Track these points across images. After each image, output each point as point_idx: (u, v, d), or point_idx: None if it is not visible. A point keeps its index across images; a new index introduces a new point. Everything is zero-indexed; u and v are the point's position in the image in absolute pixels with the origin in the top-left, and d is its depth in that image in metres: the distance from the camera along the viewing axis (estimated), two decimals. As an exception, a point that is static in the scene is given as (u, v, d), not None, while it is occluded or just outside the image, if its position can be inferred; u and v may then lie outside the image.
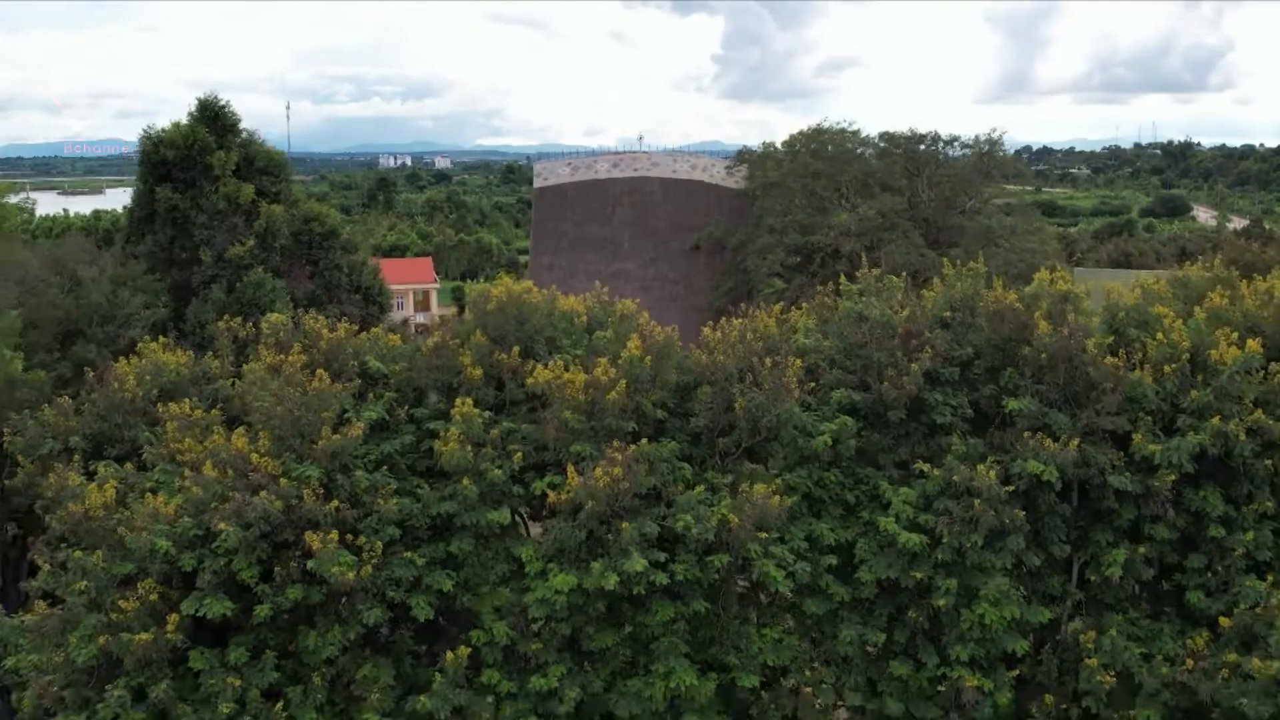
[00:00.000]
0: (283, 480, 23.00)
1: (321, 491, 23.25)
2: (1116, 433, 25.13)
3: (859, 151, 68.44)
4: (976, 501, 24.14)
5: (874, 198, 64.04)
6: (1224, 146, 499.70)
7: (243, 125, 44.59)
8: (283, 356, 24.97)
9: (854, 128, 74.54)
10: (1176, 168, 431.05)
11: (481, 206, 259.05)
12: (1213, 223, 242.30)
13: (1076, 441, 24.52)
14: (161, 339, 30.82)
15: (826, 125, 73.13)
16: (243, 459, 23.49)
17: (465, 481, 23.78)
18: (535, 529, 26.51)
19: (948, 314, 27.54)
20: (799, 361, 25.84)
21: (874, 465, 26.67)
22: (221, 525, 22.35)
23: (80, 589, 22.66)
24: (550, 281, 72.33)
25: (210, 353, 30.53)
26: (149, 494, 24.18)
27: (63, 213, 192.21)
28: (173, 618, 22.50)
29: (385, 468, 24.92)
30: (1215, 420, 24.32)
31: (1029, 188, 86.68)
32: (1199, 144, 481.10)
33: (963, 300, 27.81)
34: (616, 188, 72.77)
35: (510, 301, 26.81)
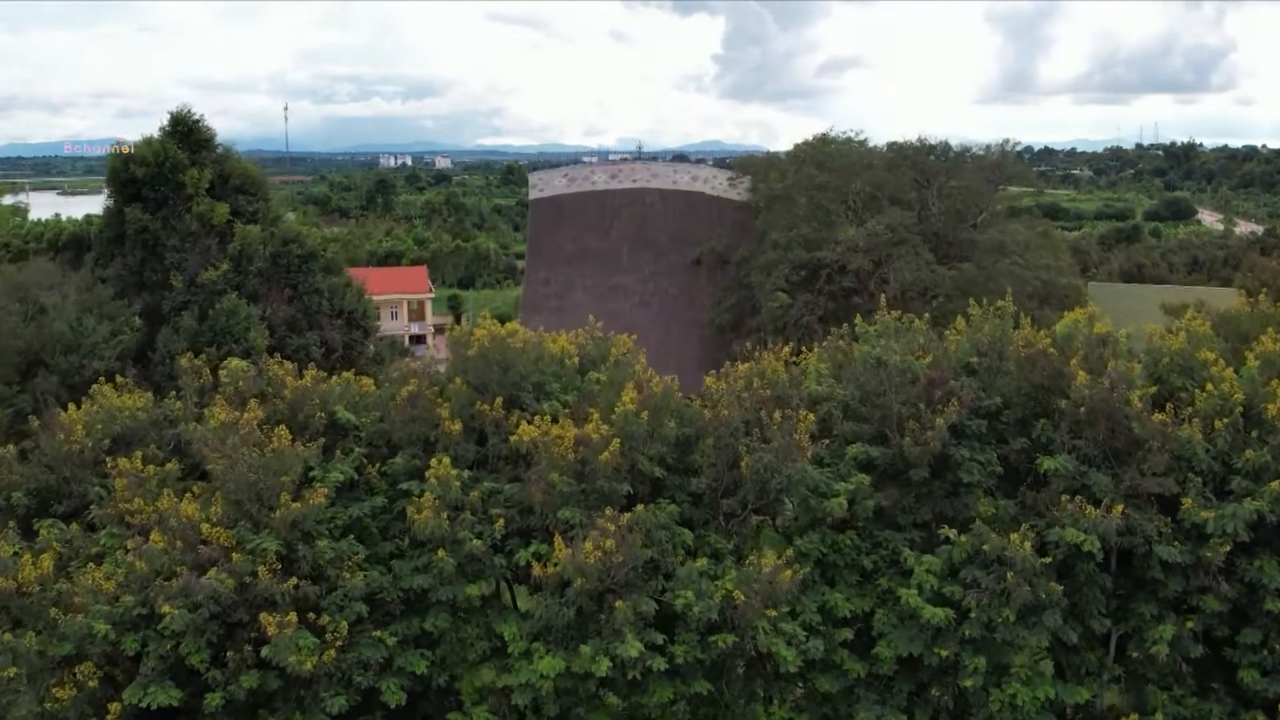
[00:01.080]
0: (236, 555, 20.59)
1: (279, 566, 20.85)
2: (1163, 495, 22.70)
3: (866, 163, 65.88)
4: (1009, 574, 21.73)
5: (882, 211, 61.55)
6: (1226, 147, 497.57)
7: (219, 141, 42.29)
8: (238, 413, 22.47)
9: (860, 136, 72.29)
10: (1179, 169, 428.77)
11: (480, 209, 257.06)
12: (1219, 227, 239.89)
13: (1120, 508, 22.07)
14: (119, 379, 28.40)
15: (832, 134, 70.82)
16: (193, 528, 21.08)
17: (440, 553, 21.37)
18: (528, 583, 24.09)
19: (974, 359, 25.08)
20: (810, 415, 23.36)
21: (893, 526, 24.23)
22: (166, 608, 19.95)
23: (11, 675, 20.26)
24: (546, 296, 70.55)
25: (174, 392, 28.24)
26: (92, 563, 21.86)
27: (55, 216, 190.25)
28: (114, 707, 20.16)
29: (353, 535, 22.51)
30: (1274, 485, 21.91)
31: (1030, 189, 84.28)
32: (1201, 145, 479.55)
33: (990, 344, 25.36)
34: (614, 199, 70.29)
35: (494, 346, 24.35)
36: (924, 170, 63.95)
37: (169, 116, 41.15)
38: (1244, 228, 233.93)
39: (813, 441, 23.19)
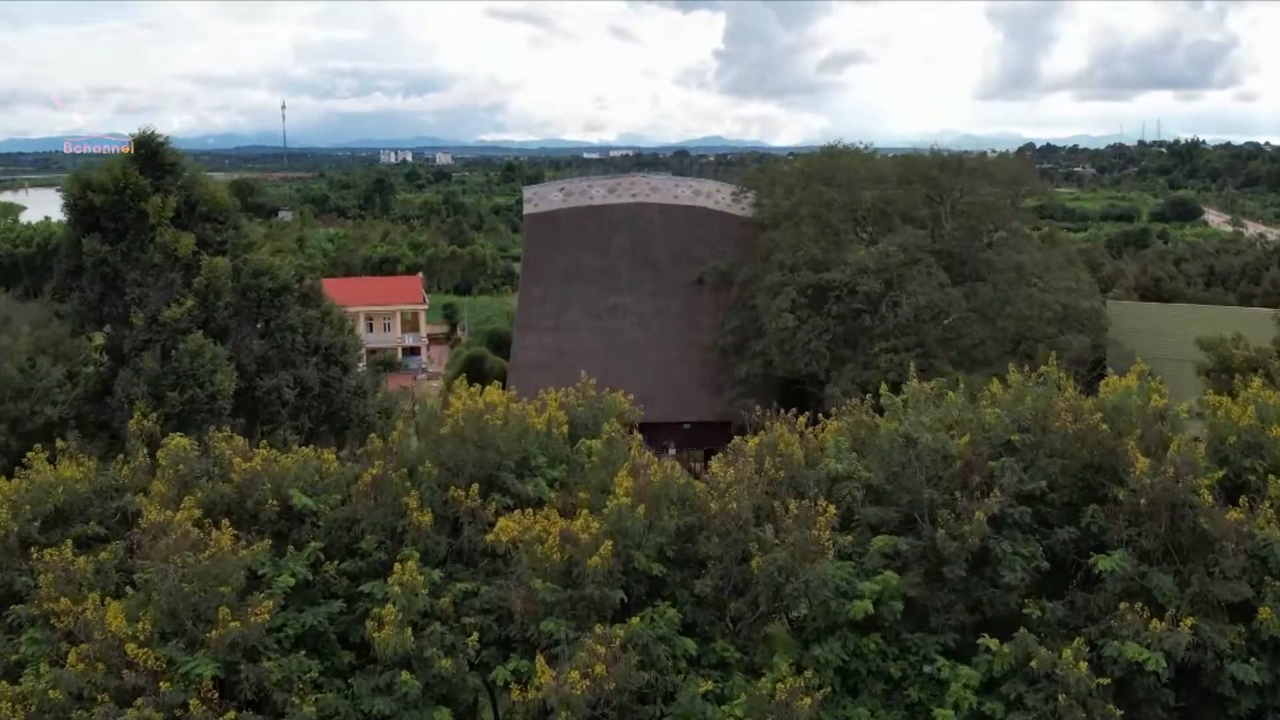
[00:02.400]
0: (164, 684, 17.69)
1: (216, 694, 17.95)
2: (1236, 602, 19.80)
3: (877, 175, 62.90)
4: (1061, 696, 18.83)
5: (893, 229, 58.63)
6: (1230, 145, 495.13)
7: (184, 166, 39.20)
8: (170, 513, 19.54)
9: (869, 148, 69.47)
10: (1184, 168, 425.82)
11: (479, 209, 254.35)
12: (1227, 228, 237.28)
13: (1190, 621, 19.15)
14: (60, 443, 25.57)
15: (839, 144, 67.96)
16: (118, 647, 18.17)
17: (405, 676, 18.47)
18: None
19: (1015, 437, 22.14)
20: (831, 509, 20.42)
21: (924, 629, 21.32)
22: (79, 751, 17.09)
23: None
24: (542, 315, 67.57)
25: (122, 455, 25.49)
26: (6, 679, 19.00)
27: (45, 219, 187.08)
28: None
29: (306, 648, 19.59)
30: (1367, 594, 19.02)
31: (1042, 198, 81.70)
32: (1204, 142, 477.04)
33: (1034, 416, 22.42)
34: (612, 214, 67.22)
35: (470, 422, 21.45)
36: (937, 185, 61.02)
37: (130, 140, 38.18)
38: (1252, 229, 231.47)
39: (833, 535, 20.28)
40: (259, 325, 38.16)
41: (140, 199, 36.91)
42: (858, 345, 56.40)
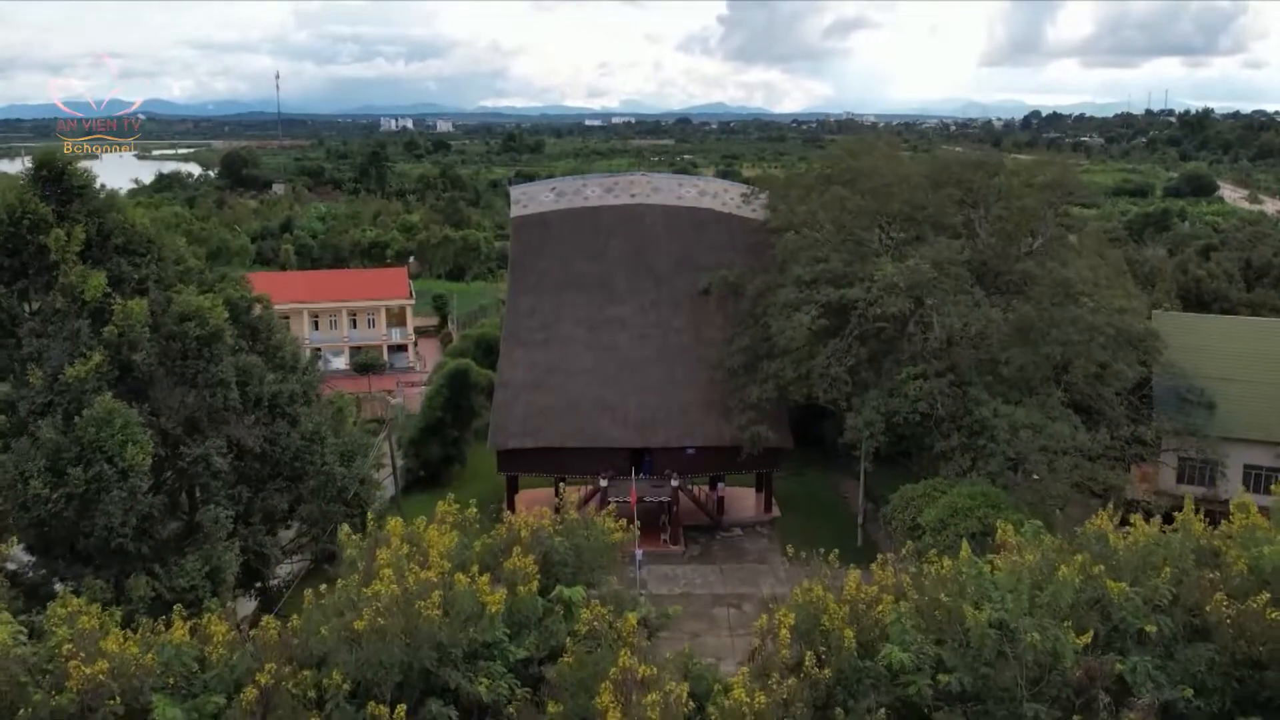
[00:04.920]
0: None
1: None
2: None
3: (903, 175, 56.58)
4: None
5: (923, 239, 52.44)
6: (1238, 113, 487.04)
7: (99, 185, 33.19)
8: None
9: (875, 120, 62.98)
10: (1194, 139, 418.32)
11: (477, 184, 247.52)
12: (1244, 204, 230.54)
13: None
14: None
15: (860, 140, 61.54)
16: None
17: None
18: None
19: (1150, 627, 16.21)
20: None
21: None
22: None
23: None
24: (531, 328, 61.23)
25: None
26: None
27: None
28: None
29: None
30: None
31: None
32: (1213, 112, 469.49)
33: (1173, 594, 16.49)
34: (610, 217, 60.89)
35: (399, 611, 15.50)
36: (971, 189, 54.74)
37: (31, 161, 32.13)
38: (1271, 206, 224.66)
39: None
40: (187, 379, 32.24)
41: (40, 231, 31.03)
42: (882, 369, 50.37)
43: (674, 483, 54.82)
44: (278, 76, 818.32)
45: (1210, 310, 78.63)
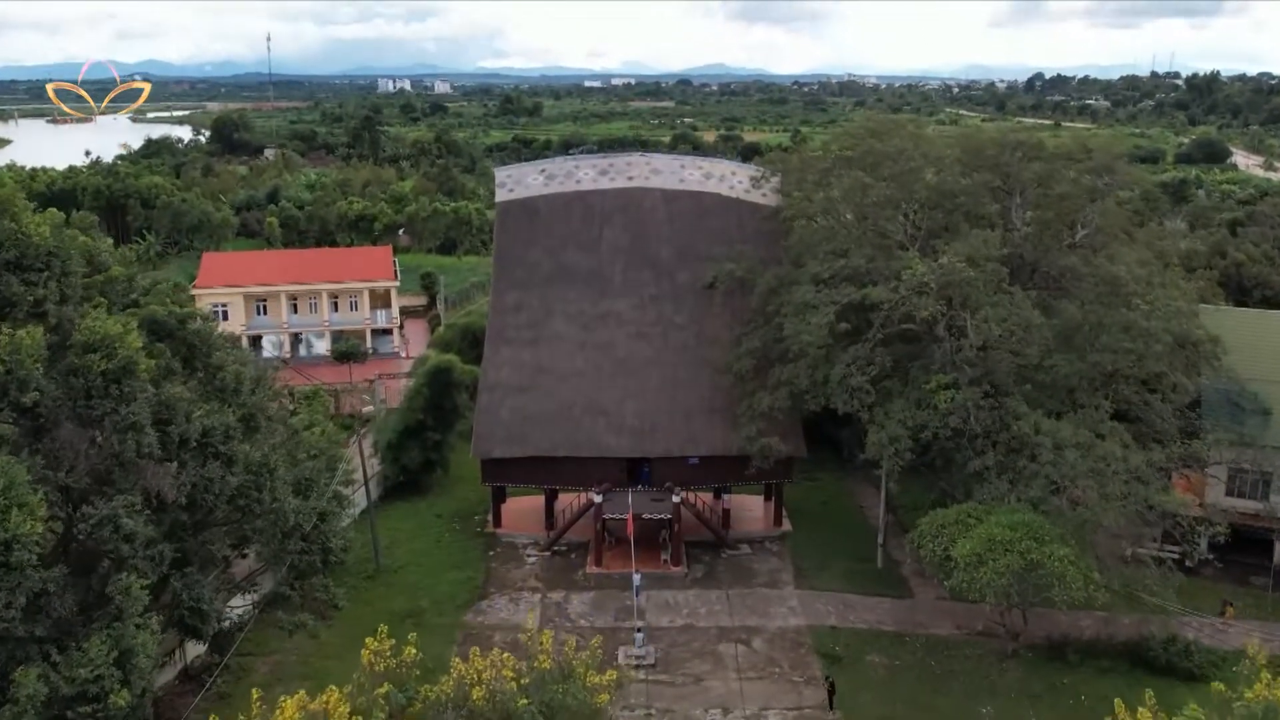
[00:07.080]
0: None
1: None
2: None
3: (933, 155, 50.97)
4: None
5: (954, 230, 46.98)
6: (1245, 76, 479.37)
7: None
8: None
9: (925, 124, 57.39)
10: (1202, 103, 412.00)
11: (472, 150, 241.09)
12: (1259, 171, 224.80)
13: None
14: None
15: (884, 119, 55.81)
16: None
17: None
18: None
19: None
20: None
21: None
22: None
23: None
24: (519, 326, 55.64)
25: None
26: None
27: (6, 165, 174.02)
28: None
29: None
30: None
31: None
32: (1219, 74, 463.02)
33: None
34: (605, 202, 55.24)
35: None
36: (1007, 175, 49.19)
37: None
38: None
39: None
40: (93, 421, 26.93)
41: (-92, 244, 25.62)
42: (908, 376, 45.07)
43: (675, 498, 49.64)
44: (269, 38, 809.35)
45: (1251, 297, 73.30)
